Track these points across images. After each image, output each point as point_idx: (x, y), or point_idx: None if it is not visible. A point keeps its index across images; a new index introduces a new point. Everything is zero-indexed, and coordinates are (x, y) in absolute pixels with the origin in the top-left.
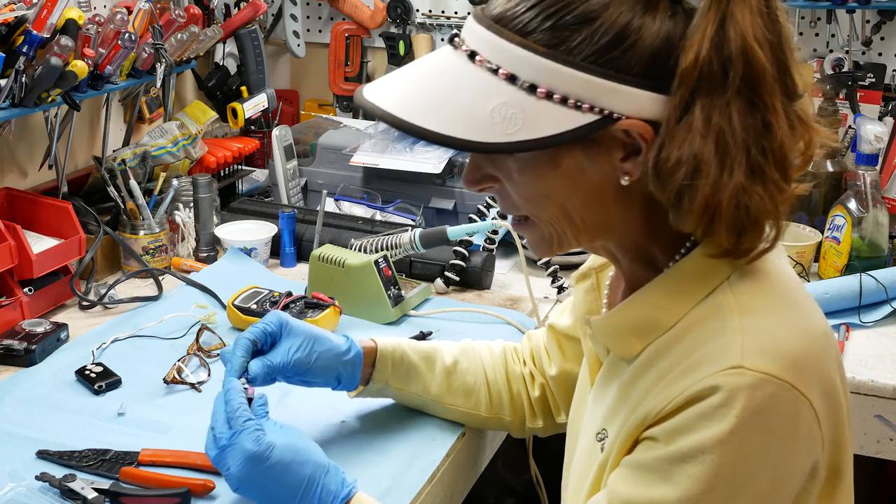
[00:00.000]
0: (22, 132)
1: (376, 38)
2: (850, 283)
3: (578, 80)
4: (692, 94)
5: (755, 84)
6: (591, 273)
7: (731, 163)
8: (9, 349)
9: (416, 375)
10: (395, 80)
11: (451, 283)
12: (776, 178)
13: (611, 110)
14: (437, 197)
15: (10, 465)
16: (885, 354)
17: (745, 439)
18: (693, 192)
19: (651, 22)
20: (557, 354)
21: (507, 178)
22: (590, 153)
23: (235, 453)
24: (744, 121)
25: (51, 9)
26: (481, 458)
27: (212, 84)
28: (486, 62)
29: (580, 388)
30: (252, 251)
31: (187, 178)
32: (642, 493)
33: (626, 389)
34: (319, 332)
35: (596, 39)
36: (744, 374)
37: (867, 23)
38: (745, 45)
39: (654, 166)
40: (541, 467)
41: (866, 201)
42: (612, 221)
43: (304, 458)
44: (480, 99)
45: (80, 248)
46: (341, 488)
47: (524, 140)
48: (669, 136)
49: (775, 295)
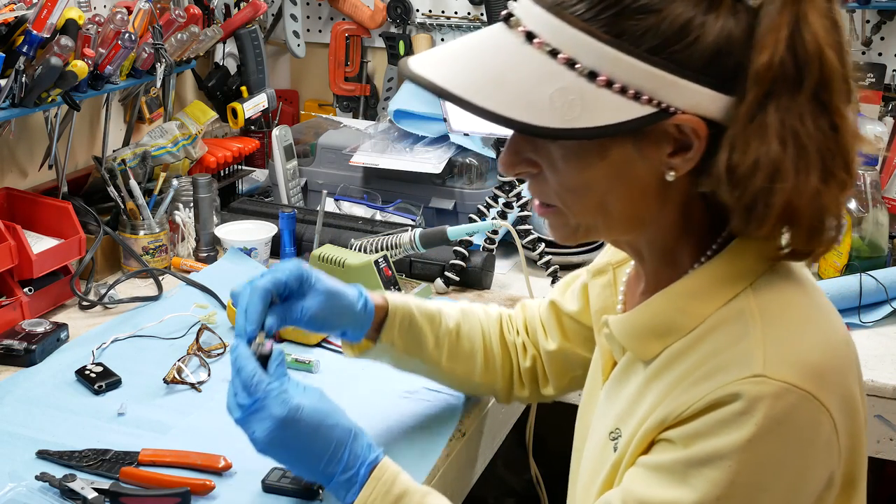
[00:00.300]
0: (22, 132)
1: (376, 38)
2: (850, 283)
3: (640, 71)
4: (766, 96)
5: (827, 87)
6: (609, 269)
7: (807, 166)
8: (9, 349)
9: (421, 337)
10: (444, 55)
11: (451, 283)
12: (843, 178)
13: (668, 104)
14: (437, 197)
15: (10, 465)
16: (885, 354)
17: (763, 447)
18: (770, 197)
19: (714, 20)
20: (557, 332)
21: (549, 165)
22: (640, 145)
23: (262, 418)
24: (816, 123)
25: (51, 9)
26: (481, 458)
27: (212, 84)
28: (546, 44)
29: (590, 383)
30: (252, 251)
31: (187, 178)
32: (657, 493)
33: (642, 390)
34: (337, 288)
35: (660, 31)
36: (766, 383)
37: (867, 23)
38: (819, 47)
39: (728, 170)
40: (541, 467)
41: (866, 201)
42: (646, 217)
43: (333, 422)
44: (538, 82)
45: (80, 248)
46: (369, 453)
47: (584, 127)
48: (742, 139)
49: (798, 302)
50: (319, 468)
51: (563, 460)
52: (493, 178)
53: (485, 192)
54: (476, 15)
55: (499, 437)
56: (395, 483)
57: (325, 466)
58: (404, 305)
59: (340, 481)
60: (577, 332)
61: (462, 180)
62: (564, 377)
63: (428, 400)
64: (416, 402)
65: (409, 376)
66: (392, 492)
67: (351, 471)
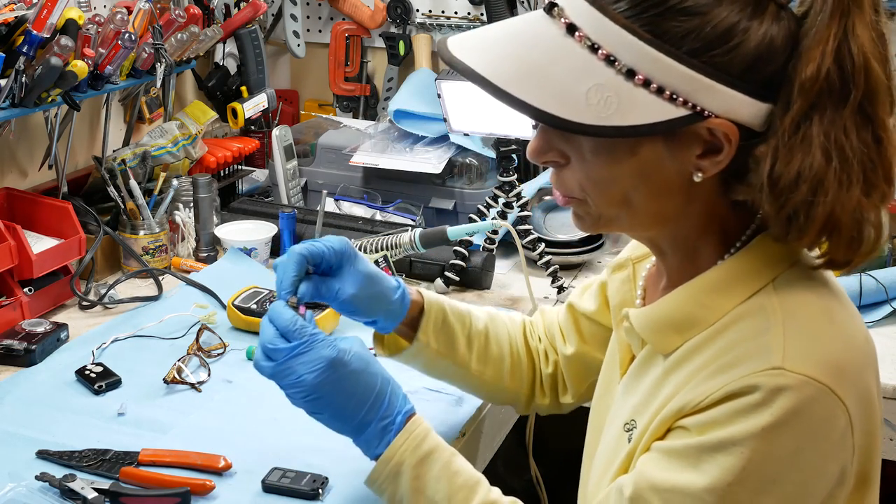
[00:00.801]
0: (22, 132)
1: (376, 38)
2: (850, 283)
3: (678, 73)
4: (811, 108)
5: (872, 99)
6: (629, 264)
7: (849, 179)
8: (9, 349)
9: (453, 336)
10: (483, 40)
11: (451, 283)
12: (885, 190)
13: (703, 107)
14: (437, 197)
15: (10, 465)
16: (885, 354)
17: (778, 438)
18: (812, 208)
19: (758, 26)
20: (574, 335)
21: (578, 158)
22: (671, 145)
23: (310, 360)
24: (860, 135)
25: (51, 9)
26: (481, 458)
27: (212, 84)
28: (587, 39)
29: (606, 378)
30: (252, 251)
31: (187, 178)
32: (669, 477)
33: (659, 382)
34: (376, 274)
35: (703, 35)
36: (784, 376)
37: None
38: (866, 60)
39: (771, 181)
40: (541, 467)
41: None
42: (670, 214)
43: (376, 368)
44: (576, 76)
45: (80, 248)
46: (404, 403)
47: (617, 126)
48: (785, 149)
49: (819, 299)
50: (360, 414)
51: (563, 460)
52: (493, 178)
53: (485, 192)
54: (476, 15)
55: (499, 438)
56: (426, 438)
57: (366, 412)
58: (438, 303)
59: (377, 429)
60: (595, 334)
61: (462, 180)
62: (583, 383)
63: (428, 400)
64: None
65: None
66: (422, 447)
67: (388, 418)
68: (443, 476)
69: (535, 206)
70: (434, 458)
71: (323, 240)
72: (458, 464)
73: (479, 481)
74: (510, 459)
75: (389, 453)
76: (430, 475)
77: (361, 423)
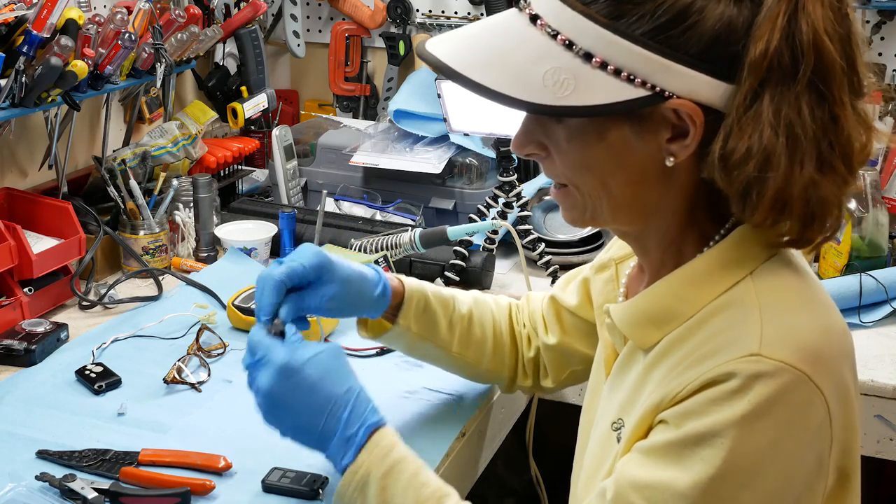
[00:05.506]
0: (22, 132)
1: (376, 38)
2: (850, 283)
3: (634, 54)
4: (761, 85)
5: (825, 77)
6: (611, 264)
7: (801, 156)
8: (9, 349)
9: (435, 321)
10: (458, 36)
11: (451, 283)
12: (843, 170)
13: (662, 88)
14: (437, 197)
15: (10, 465)
16: (885, 354)
17: (757, 426)
18: (763, 185)
19: (714, 5)
20: (556, 327)
21: (555, 147)
22: (637, 129)
23: (264, 364)
24: (813, 113)
25: (51, 9)
26: (481, 458)
27: (212, 84)
28: (547, 26)
29: (594, 378)
30: (252, 251)
31: (187, 178)
32: (651, 474)
33: (642, 379)
34: (356, 274)
35: (657, 16)
36: (761, 362)
37: (867, 23)
38: (817, 37)
39: (721, 157)
40: (541, 467)
41: (866, 201)
42: (649, 205)
43: (337, 378)
44: (535, 61)
45: (80, 248)
46: (371, 415)
47: (574, 105)
48: (737, 127)
49: (797, 288)
50: (320, 424)
51: (563, 460)
52: (493, 178)
53: (485, 192)
54: (476, 15)
55: (499, 437)
56: (393, 449)
57: (325, 422)
58: (420, 289)
59: (341, 440)
60: (576, 327)
61: (462, 180)
62: (563, 371)
63: (428, 400)
64: (416, 403)
65: (410, 377)
66: (388, 458)
67: (350, 430)
68: (410, 487)
69: (535, 206)
70: (401, 469)
71: (298, 256)
72: (425, 475)
73: (448, 494)
74: (510, 459)
75: (356, 465)
76: (398, 486)
77: (323, 434)
